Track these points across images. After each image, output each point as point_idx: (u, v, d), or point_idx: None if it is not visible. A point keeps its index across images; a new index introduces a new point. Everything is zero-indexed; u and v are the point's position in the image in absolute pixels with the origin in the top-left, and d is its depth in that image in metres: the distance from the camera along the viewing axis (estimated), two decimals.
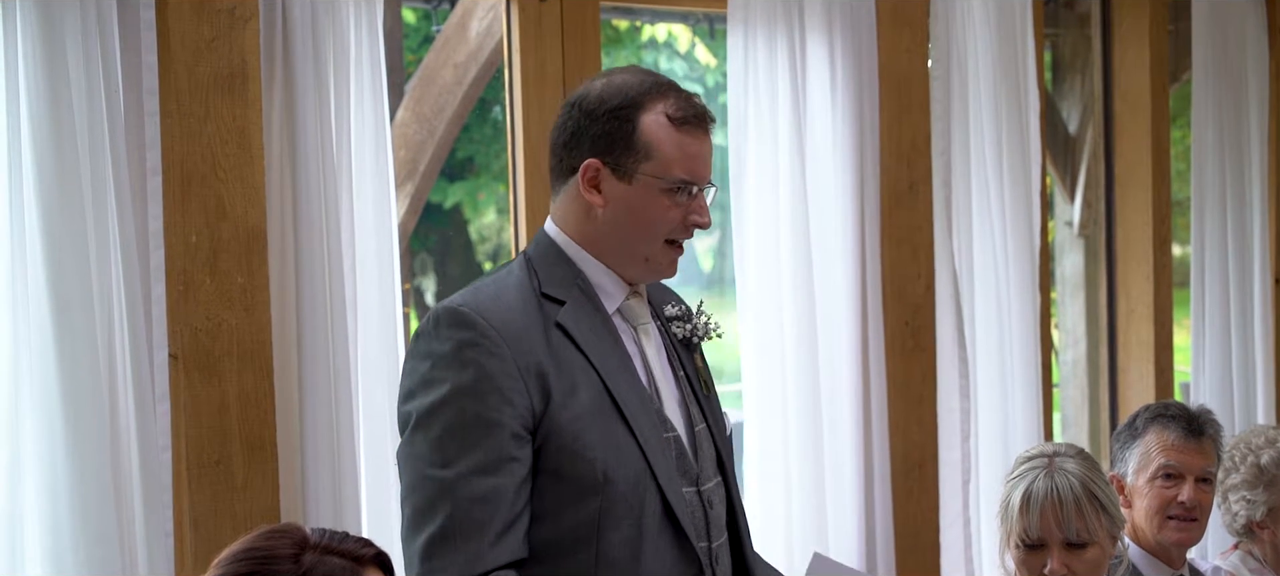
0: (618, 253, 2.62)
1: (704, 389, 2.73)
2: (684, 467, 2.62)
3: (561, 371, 2.52)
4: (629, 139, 2.57)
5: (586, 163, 2.58)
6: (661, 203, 2.59)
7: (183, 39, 3.37)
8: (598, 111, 2.58)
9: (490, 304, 2.54)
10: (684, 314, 2.75)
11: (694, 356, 2.75)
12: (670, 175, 2.58)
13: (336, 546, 2.05)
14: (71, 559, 3.21)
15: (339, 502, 3.54)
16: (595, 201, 2.60)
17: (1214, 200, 5.42)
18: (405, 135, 6.17)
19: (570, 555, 2.53)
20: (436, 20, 6.16)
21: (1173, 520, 3.55)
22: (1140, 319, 5.37)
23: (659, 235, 2.61)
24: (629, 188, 2.58)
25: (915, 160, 4.58)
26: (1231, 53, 5.41)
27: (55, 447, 3.20)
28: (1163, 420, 3.60)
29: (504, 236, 12.10)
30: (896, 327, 4.55)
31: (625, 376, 2.58)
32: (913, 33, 4.58)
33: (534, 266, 2.62)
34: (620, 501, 2.52)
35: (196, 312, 3.39)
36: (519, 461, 2.49)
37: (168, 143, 3.37)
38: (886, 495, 4.50)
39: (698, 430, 2.68)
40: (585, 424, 2.52)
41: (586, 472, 2.51)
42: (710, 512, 2.65)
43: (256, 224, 3.45)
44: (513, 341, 2.50)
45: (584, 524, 2.52)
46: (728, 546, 2.70)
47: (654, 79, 2.62)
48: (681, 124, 2.58)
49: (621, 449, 2.53)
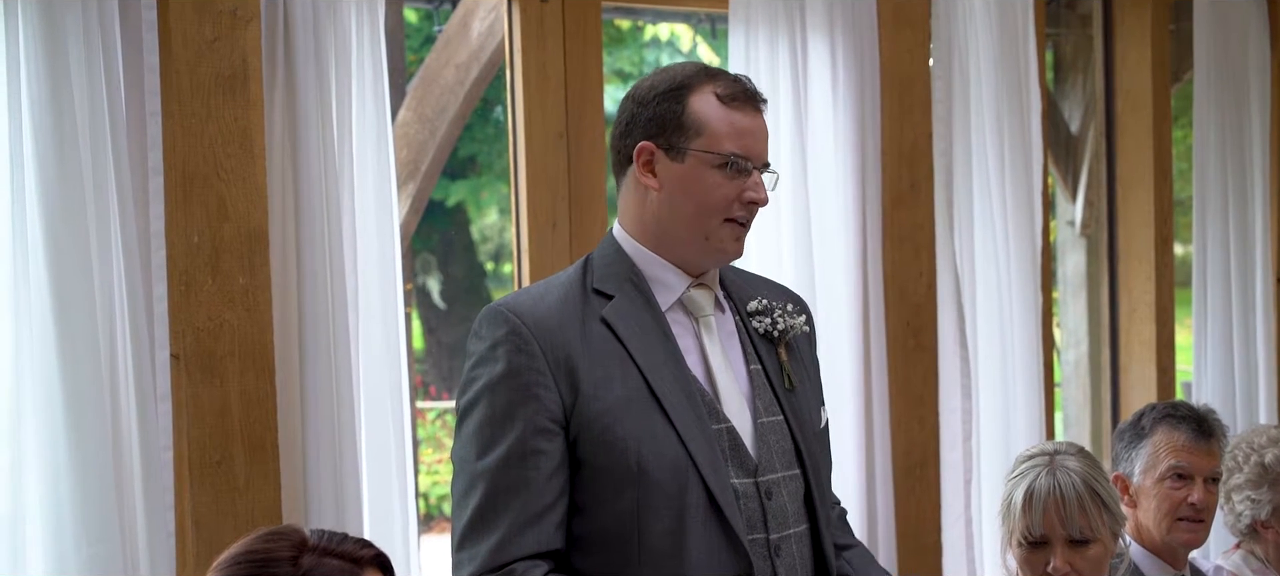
0: (678, 236, 2.67)
1: (786, 383, 2.75)
2: (740, 459, 2.64)
3: (595, 364, 2.58)
4: (679, 119, 2.63)
5: (640, 145, 2.65)
6: (714, 177, 2.63)
7: (184, 39, 3.37)
8: (648, 97, 2.66)
9: (528, 302, 2.63)
10: (765, 309, 2.78)
11: (777, 350, 2.76)
12: (721, 149, 2.63)
13: (335, 548, 2.05)
14: (73, 559, 3.21)
15: (341, 503, 3.54)
16: (651, 184, 2.65)
17: (1216, 200, 5.42)
18: (407, 135, 6.18)
19: (614, 547, 2.57)
20: (438, 20, 6.16)
21: (1182, 521, 3.54)
22: (1142, 318, 5.36)
23: (716, 212, 2.65)
24: (682, 166, 2.63)
25: (917, 160, 4.58)
26: (1233, 52, 5.41)
27: (57, 448, 3.20)
28: (1172, 421, 3.58)
29: (506, 236, 12.09)
30: (898, 327, 4.55)
31: (670, 368, 2.62)
32: (914, 32, 4.58)
33: (592, 264, 2.70)
34: (658, 491, 2.56)
35: (198, 313, 3.39)
36: (546, 454, 2.54)
37: (169, 143, 3.37)
38: (888, 495, 4.50)
39: (763, 422, 2.69)
40: (618, 415, 2.56)
41: (619, 462, 2.55)
42: (768, 504, 2.65)
43: (258, 224, 3.45)
44: (543, 336, 2.57)
45: (624, 515, 2.56)
46: (804, 538, 2.71)
47: (704, 66, 2.70)
48: (730, 100, 2.64)
49: (659, 439, 2.57)
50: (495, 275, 12.57)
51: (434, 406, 12.02)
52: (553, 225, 3.99)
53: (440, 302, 12.19)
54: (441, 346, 12.26)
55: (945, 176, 4.62)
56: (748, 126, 2.66)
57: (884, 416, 4.50)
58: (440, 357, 12.27)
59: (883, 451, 4.50)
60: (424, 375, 12.22)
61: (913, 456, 4.58)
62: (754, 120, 2.67)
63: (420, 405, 11.82)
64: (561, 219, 4.00)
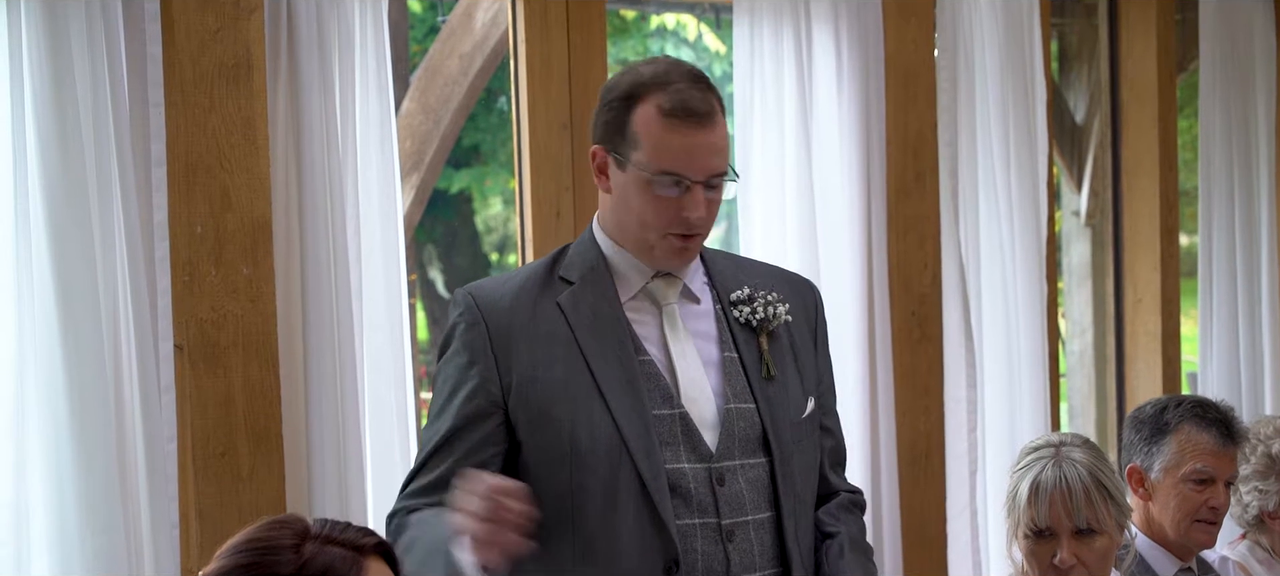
0: (628, 239, 2.71)
1: (764, 372, 2.75)
2: (692, 443, 2.66)
3: (537, 344, 2.66)
4: (624, 128, 2.64)
5: (593, 149, 2.69)
6: (648, 194, 2.63)
7: (187, 30, 3.36)
8: (606, 99, 2.69)
9: (491, 285, 2.75)
10: (747, 298, 2.79)
11: (757, 338, 2.77)
12: (654, 166, 2.61)
13: (338, 536, 2.05)
14: (77, 550, 3.21)
15: (345, 493, 3.54)
16: (603, 186, 2.70)
17: (1221, 190, 5.40)
18: (411, 126, 6.18)
19: (551, 529, 2.60)
20: (442, 10, 6.17)
21: (1199, 523, 3.51)
22: (1147, 309, 5.35)
23: (652, 226, 2.66)
24: (624, 176, 2.66)
25: (922, 150, 4.57)
26: (1239, 42, 5.39)
27: (61, 439, 3.20)
28: (1199, 421, 3.52)
29: (510, 227, 12.09)
30: (903, 318, 4.54)
31: (616, 354, 2.66)
32: (919, 22, 4.56)
33: (567, 252, 2.76)
34: (591, 473, 2.62)
35: (202, 304, 3.39)
36: (476, 423, 2.65)
37: (172, 134, 3.37)
38: (893, 485, 4.49)
39: (731, 409, 2.70)
40: (555, 395, 2.64)
41: (554, 441, 2.63)
42: (720, 489, 2.67)
43: (262, 215, 3.45)
44: (492, 316, 2.67)
45: (561, 496, 2.63)
46: (765, 526, 2.72)
47: (665, 69, 2.65)
48: (670, 115, 2.60)
49: (594, 421, 2.63)
50: (499, 265, 12.58)
51: None
52: (557, 215, 3.99)
53: (444, 293, 12.20)
54: None
55: (950, 167, 4.61)
56: (685, 144, 2.61)
57: (889, 407, 4.50)
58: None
59: (887, 442, 4.49)
60: (428, 366, 12.22)
61: (917, 447, 4.58)
62: (694, 136, 2.61)
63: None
64: (565, 209, 4.00)
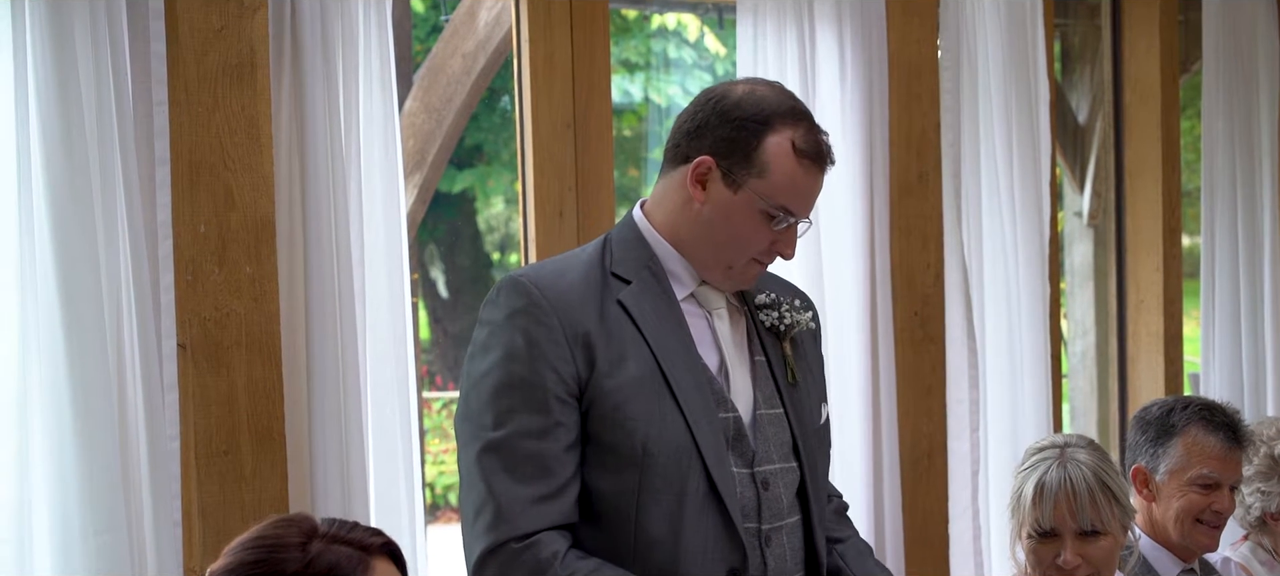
0: (701, 253, 2.68)
1: (789, 376, 2.76)
2: (741, 448, 2.66)
3: (611, 342, 2.59)
4: (750, 151, 2.62)
5: (702, 158, 2.64)
6: (756, 221, 2.64)
7: (191, 28, 3.36)
8: (731, 115, 2.64)
9: (549, 275, 2.63)
10: (773, 303, 2.78)
11: (781, 344, 2.78)
12: (774, 199, 2.63)
13: (344, 535, 2.05)
14: (80, 548, 3.21)
15: (347, 492, 3.54)
16: (697, 196, 2.66)
17: (1224, 191, 5.40)
18: (414, 125, 6.18)
19: (612, 527, 2.58)
20: (445, 10, 6.17)
21: (1202, 525, 3.51)
22: (1150, 309, 5.35)
23: (746, 250, 2.66)
24: (733, 196, 2.64)
25: (924, 150, 4.57)
26: (1242, 43, 5.39)
27: (64, 437, 3.20)
28: (1207, 425, 3.53)
29: (512, 226, 12.09)
30: (905, 318, 4.54)
31: (683, 354, 2.63)
32: (922, 22, 4.57)
33: (611, 246, 2.69)
34: (660, 475, 2.58)
35: (205, 302, 3.39)
36: (564, 426, 2.56)
37: (176, 133, 3.37)
38: (895, 486, 4.49)
39: (762, 414, 2.70)
40: (629, 394, 2.58)
41: (624, 442, 2.57)
42: (764, 494, 2.67)
43: (265, 214, 3.45)
44: (562, 311, 2.58)
45: (624, 495, 2.58)
46: (796, 530, 2.73)
47: (792, 104, 2.67)
48: (802, 156, 2.64)
49: (667, 423, 2.58)
50: (501, 265, 12.58)
51: (440, 397, 12.03)
52: (560, 214, 3.99)
53: (446, 293, 12.20)
54: (447, 337, 12.27)
55: (953, 167, 4.62)
56: (807, 186, 2.66)
57: (891, 407, 4.50)
58: (446, 348, 12.28)
59: (890, 442, 4.49)
60: (430, 365, 12.23)
61: (920, 447, 4.58)
62: (815, 180, 2.68)
63: (426, 395, 11.83)
64: (568, 208, 4.00)
